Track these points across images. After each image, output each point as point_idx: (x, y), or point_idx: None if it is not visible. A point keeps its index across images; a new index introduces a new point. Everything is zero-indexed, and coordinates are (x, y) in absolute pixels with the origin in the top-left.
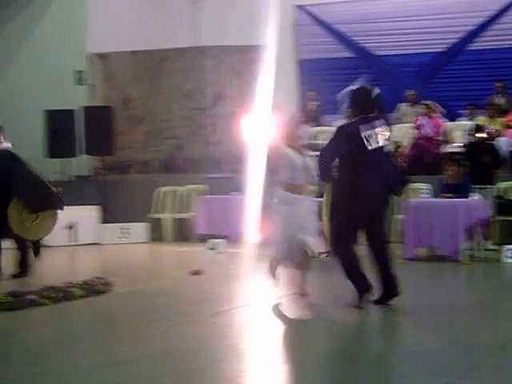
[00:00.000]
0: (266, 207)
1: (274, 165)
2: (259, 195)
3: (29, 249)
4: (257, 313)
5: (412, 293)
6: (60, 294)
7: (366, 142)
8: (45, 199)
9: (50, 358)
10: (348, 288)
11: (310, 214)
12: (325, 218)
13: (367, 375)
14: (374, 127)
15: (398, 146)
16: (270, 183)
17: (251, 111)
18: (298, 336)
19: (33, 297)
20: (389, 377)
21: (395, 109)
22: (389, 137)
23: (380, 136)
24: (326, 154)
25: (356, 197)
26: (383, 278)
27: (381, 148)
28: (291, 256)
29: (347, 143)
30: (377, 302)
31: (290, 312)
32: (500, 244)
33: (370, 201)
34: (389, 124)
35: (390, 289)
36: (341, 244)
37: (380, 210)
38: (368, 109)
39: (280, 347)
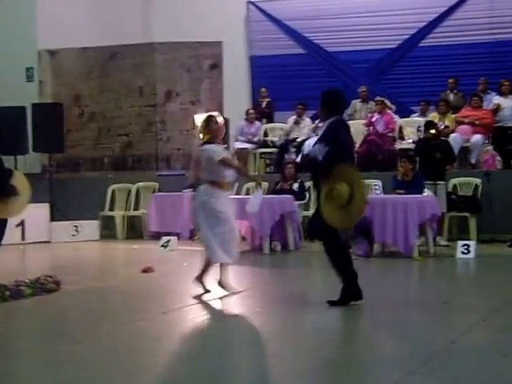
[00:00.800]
0: None
1: (197, 161)
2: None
3: None
4: (209, 310)
5: (365, 289)
6: (7, 293)
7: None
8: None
9: None
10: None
11: (230, 211)
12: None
13: (317, 372)
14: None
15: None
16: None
17: (202, 108)
18: (251, 334)
19: None
20: (340, 372)
21: (348, 105)
22: None
23: None
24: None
25: None
26: None
27: None
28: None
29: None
30: None
31: (243, 309)
32: (452, 240)
33: None
34: None
35: None
36: None
37: None
38: (342, 110)
39: (233, 344)
